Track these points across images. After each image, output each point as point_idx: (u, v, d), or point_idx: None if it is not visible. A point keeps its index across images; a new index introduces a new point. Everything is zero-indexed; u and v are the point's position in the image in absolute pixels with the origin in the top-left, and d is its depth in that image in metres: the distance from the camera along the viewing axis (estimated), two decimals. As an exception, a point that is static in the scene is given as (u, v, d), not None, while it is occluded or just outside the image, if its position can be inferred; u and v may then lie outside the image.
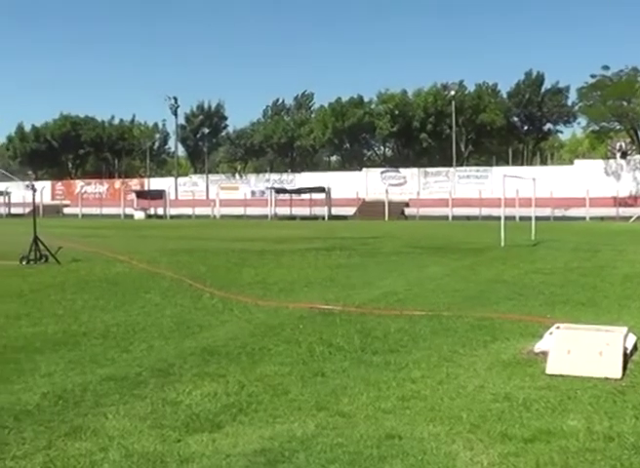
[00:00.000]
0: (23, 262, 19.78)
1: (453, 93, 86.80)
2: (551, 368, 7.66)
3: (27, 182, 25.35)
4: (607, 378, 7.39)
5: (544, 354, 8.11)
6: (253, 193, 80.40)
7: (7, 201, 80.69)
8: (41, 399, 6.93)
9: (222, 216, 69.79)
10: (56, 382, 7.53)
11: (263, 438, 5.75)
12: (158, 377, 7.63)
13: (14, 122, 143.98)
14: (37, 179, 79.54)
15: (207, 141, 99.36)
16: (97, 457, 5.42)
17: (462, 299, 13.21)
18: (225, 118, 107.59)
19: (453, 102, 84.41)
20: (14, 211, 78.35)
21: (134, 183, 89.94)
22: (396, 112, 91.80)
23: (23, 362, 8.52)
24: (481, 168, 79.22)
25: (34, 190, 23.61)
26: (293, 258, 21.69)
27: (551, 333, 8.48)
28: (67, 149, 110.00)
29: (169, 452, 5.45)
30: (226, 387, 7.22)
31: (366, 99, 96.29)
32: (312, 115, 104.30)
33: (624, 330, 8.41)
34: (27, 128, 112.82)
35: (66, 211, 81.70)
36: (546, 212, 58.39)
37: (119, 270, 18.27)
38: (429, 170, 77.76)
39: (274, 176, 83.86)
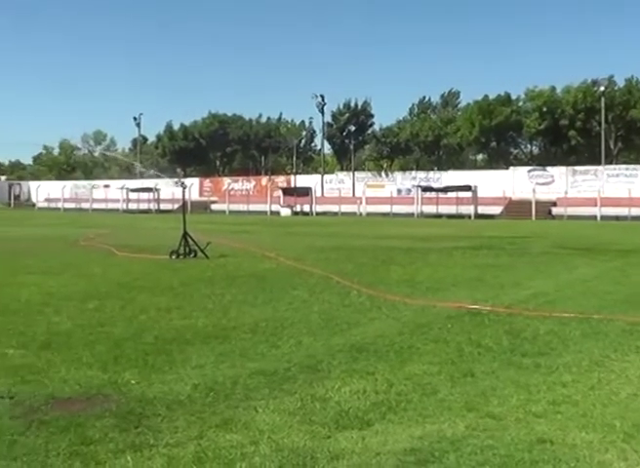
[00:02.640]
0: (173, 257, 20.21)
1: (602, 88, 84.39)
2: None
3: (176, 179, 25.82)
4: None
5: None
6: (399, 191, 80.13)
7: (156, 197, 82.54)
8: (192, 390, 7.07)
9: (368, 214, 69.88)
10: (206, 374, 7.67)
11: (413, 437, 5.71)
12: (307, 373, 7.68)
13: (163, 121, 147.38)
14: (185, 177, 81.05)
15: (353, 139, 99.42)
16: (247, 450, 5.48)
17: (613, 302, 12.85)
18: (372, 116, 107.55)
19: (602, 99, 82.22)
20: (163, 207, 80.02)
21: (280, 180, 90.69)
22: (544, 109, 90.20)
23: (175, 353, 8.72)
24: (631, 166, 76.76)
25: (184, 187, 23.97)
26: (440, 257, 21.53)
27: None
28: (215, 147, 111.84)
29: (319, 448, 5.47)
30: (375, 385, 7.22)
31: (513, 97, 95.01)
32: (459, 113, 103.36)
33: None
34: (176, 126, 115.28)
35: (214, 207, 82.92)
36: (700, 212, 56.51)
37: (267, 266, 18.46)
38: (577, 168, 75.88)
39: (420, 175, 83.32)
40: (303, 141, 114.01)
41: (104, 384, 7.31)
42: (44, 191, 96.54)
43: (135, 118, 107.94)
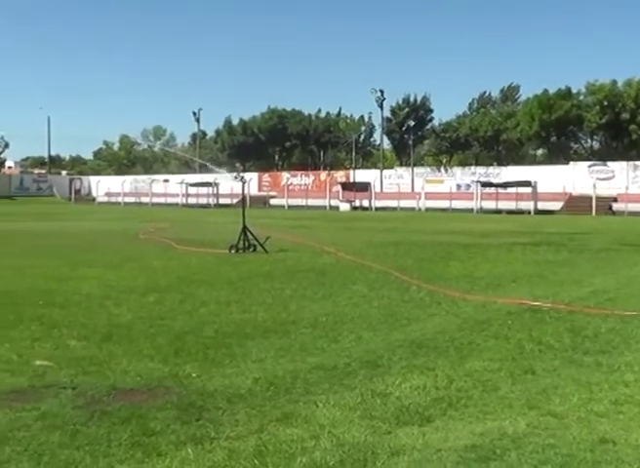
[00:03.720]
0: (232, 251, 20.28)
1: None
2: None
3: (236, 174, 26.04)
4: None
5: None
6: (458, 186, 79.51)
7: (215, 192, 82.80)
8: (253, 384, 7.12)
9: (427, 209, 69.51)
10: (267, 368, 7.72)
11: (474, 434, 5.69)
12: (367, 368, 7.69)
13: (222, 116, 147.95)
14: (244, 171, 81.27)
15: (412, 134, 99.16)
16: (308, 444, 5.50)
17: (677, 301, 12.66)
18: (431, 111, 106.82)
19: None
20: (222, 201, 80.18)
21: (339, 175, 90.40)
22: (605, 103, 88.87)
23: (235, 347, 8.78)
24: (693, 161, 75.31)
25: (244, 182, 24.01)
26: (499, 253, 21.35)
27: None
28: (274, 142, 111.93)
29: (379, 444, 5.47)
30: (435, 381, 7.20)
31: (574, 91, 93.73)
32: (519, 108, 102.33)
33: None
34: (235, 121, 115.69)
35: (273, 202, 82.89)
36: None
37: (326, 261, 18.44)
38: (639, 163, 74.75)
39: (480, 170, 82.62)
40: (362, 136, 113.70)
41: (165, 376, 7.40)
42: (104, 186, 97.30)
43: (194, 113, 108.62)
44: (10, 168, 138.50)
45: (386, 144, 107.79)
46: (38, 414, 6.21)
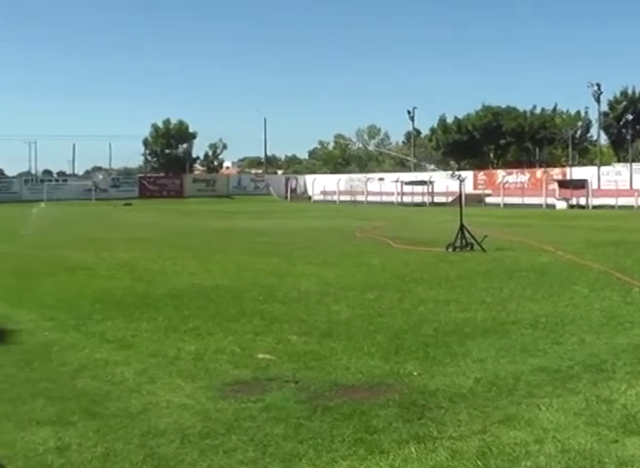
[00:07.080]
0: (449, 249, 20.24)
1: None
2: None
3: (452, 172, 26.17)
4: None
5: None
6: (671, 182, 76.50)
7: (430, 190, 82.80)
8: (474, 384, 7.12)
9: (647, 207, 67.15)
10: (487, 368, 7.69)
11: None
12: (591, 373, 7.53)
13: (436, 114, 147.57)
14: (459, 169, 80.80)
15: (631, 129, 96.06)
16: (532, 448, 5.44)
17: None
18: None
19: None
20: (437, 199, 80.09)
21: (555, 173, 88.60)
22: None
23: (455, 346, 8.79)
24: None
25: (461, 180, 23.99)
26: None
27: None
28: (489, 139, 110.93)
29: (606, 453, 5.35)
30: (663, 391, 6.96)
31: None
32: None
33: None
34: (450, 120, 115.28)
35: (488, 200, 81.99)
36: None
37: (544, 260, 18.07)
38: None
39: None
40: (579, 132, 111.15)
41: (386, 374, 7.49)
42: (319, 184, 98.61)
43: (408, 112, 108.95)
44: (228, 168, 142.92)
45: (604, 140, 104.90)
46: (263, 406, 6.44)
